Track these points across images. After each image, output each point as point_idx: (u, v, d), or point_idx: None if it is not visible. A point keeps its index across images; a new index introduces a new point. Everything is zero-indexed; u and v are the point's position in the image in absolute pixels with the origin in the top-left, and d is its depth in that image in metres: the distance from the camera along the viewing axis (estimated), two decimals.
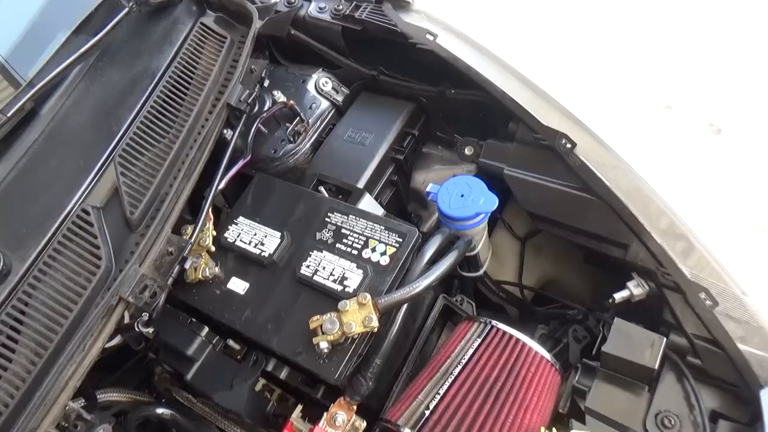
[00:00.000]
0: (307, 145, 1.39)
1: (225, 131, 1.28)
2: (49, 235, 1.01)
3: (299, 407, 1.09)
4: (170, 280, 1.02)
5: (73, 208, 1.04)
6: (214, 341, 1.13)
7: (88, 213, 1.03)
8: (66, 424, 0.93)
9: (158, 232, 1.05)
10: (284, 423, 1.06)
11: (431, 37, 1.26)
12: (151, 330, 1.13)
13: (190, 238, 1.07)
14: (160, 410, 1.10)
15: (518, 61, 1.19)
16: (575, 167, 1.08)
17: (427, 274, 1.02)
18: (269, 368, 1.09)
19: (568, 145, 1.09)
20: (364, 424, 1.03)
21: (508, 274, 1.41)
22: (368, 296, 0.98)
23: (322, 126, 1.42)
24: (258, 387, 1.12)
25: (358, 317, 0.98)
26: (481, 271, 1.29)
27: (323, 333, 0.98)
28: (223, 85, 1.23)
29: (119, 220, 1.05)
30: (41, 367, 0.92)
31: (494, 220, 1.44)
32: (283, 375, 1.10)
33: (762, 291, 0.96)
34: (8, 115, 1.00)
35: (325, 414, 1.03)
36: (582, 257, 1.28)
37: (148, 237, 1.04)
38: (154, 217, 1.06)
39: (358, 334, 0.98)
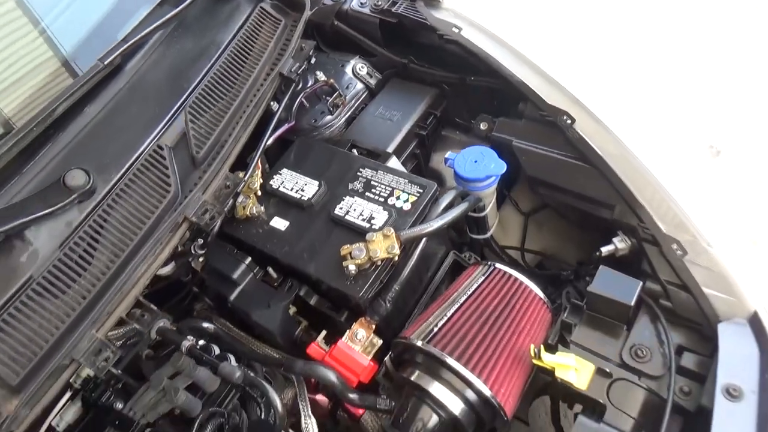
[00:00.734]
0: (342, 120, 1.60)
1: (272, 103, 1.50)
2: (128, 164, 1.21)
3: (323, 333, 1.26)
4: (226, 208, 1.22)
5: (149, 144, 1.24)
6: (255, 270, 1.31)
7: (161, 149, 1.23)
8: (135, 312, 1.11)
9: (218, 170, 1.25)
10: None
11: (456, 30, 1.47)
12: (202, 259, 1.33)
13: (245, 176, 1.26)
14: (206, 324, 1.28)
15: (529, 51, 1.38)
16: (573, 139, 1.27)
17: (442, 217, 1.21)
18: (301, 293, 1.27)
19: (569, 121, 1.28)
20: (381, 342, 1.20)
21: (512, 244, 1.59)
22: (392, 229, 1.17)
23: (355, 105, 1.63)
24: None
25: (382, 246, 1.16)
26: (488, 234, 1.47)
27: (352, 258, 1.17)
28: (277, 59, 1.44)
29: (186, 158, 1.25)
30: (118, 265, 1.12)
31: (502, 197, 1.62)
32: (312, 301, 1.28)
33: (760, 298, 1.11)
34: (105, 62, 1.22)
35: (347, 331, 1.21)
36: (577, 227, 1.45)
37: (210, 172, 1.24)
38: (214, 158, 1.27)
39: (382, 259, 1.16)
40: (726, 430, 0.94)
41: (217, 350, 1.16)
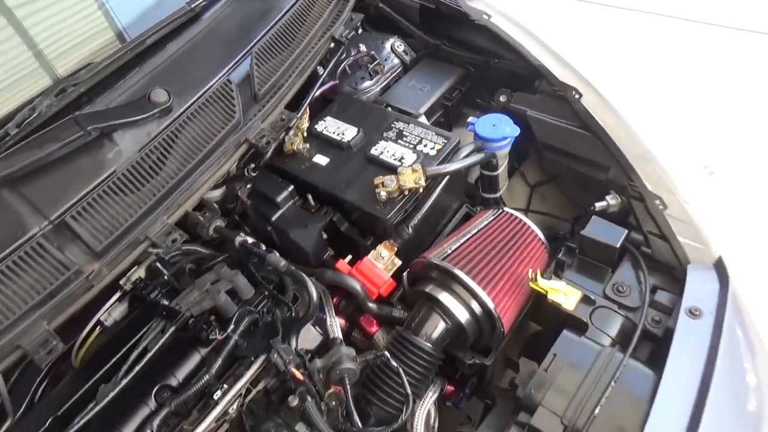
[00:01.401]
0: (378, 88, 1.82)
1: (318, 68, 1.72)
2: (201, 91, 1.42)
3: (349, 257, 1.46)
4: (280, 137, 1.43)
5: (219, 78, 1.45)
6: (295, 198, 1.51)
7: (230, 82, 1.44)
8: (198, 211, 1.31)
9: (275, 106, 1.46)
10: None
11: (486, 17, 1.71)
12: (249, 185, 1.53)
13: (298, 113, 1.48)
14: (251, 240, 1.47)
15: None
16: (579, 111, 1.49)
17: (461, 161, 1.42)
18: (335, 219, 1.47)
19: (577, 96, 1.50)
20: (400, 263, 1.40)
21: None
22: (420, 165, 1.38)
23: (391, 76, 1.85)
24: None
25: (411, 178, 1.37)
26: (498, 194, 1.67)
27: (383, 186, 1.37)
28: (330, 25, 1.67)
29: (249, 94, 1.47)
30: (187, 170, 1.32)
31: (512, 170, 1.83)
32: (343, 228, 1.48)
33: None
34: (192, 6, 1.44)
35: (372, 251, 1.41)
36: (575, 196, 1.66)
37: (268, 107, 1.45)
38: (272, 96, 1.48)
39: (409, 189, 1.36)
40: (686, 339, 1.14)
41: (263, 247, 1.36)
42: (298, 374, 1.20)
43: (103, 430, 1.24)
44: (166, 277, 1.50)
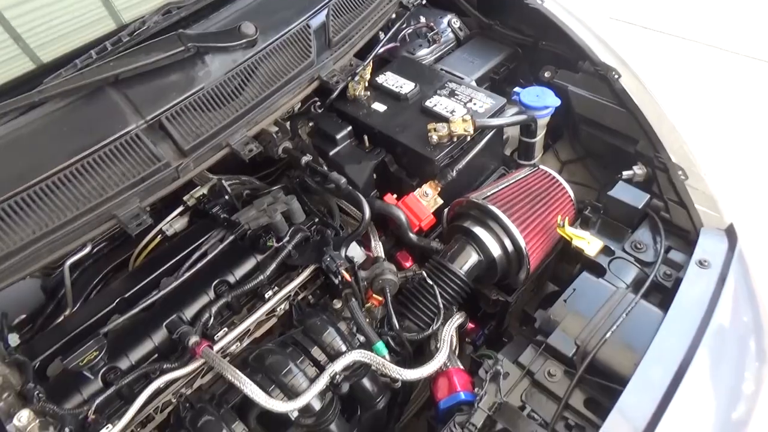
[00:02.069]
0: (432, 57, 1.99)
1: (380, 33, 1.90)
2: (282, 32, 1.59)
3: (394, 195, 1.62)
4: (348, 79, 1.60)
5: (300, 23, 1.62)
6: (352, 138, 1.68)
7: (309, 27, 1.62)
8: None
9: (346, 52, 1.64)
10: None
11: (540, 1, 1.87)
12: (311, 124, 1.70)
13: (364, 61, 1.65)
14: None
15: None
16: (617, 90, 1.64)
17: (506, 119, 1.58)
18: (386, 159, 1.63)
19: (616, 76, 1.66)
20: (441, 202, 1.56)
21: None
22: (469, 115, 1.54)
23: (445, 49, 2.02)
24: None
25: (461, 126, 1.52)
26: (533, 162, 1.82)
27: (435, 131, 1.53)
28: None
29: (324, 39, 1.63)
30: (265, 95, 1.49)
31: (546, 146, 1.99)
32: (392, 168, 1.65)
33: None
34: None
35: (417, 189, 1.57)
36: (602, 168, 1.82)
37: (339, 52, 1.63)
38: (344, 44, 1.65)
39: (458, 136, 1.52)
40: (693, 284, 1.29)
41: (325, 168, 1.53)
42: (347, 275, 1.36)
43: (166, 311, 1.41)
44: (227, 197, 1.68)
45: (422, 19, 2.00)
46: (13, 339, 1.49)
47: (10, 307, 1.66)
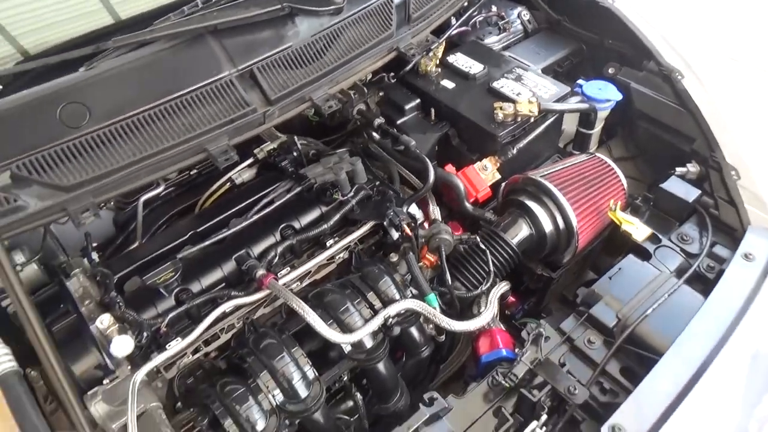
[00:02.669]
0: (499, 46, 2.08)
1: (452, 19, 1.99)
2: (366, 4, 1.70)
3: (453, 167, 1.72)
4: (423, 52, 1.70)
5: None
6: (419, 110, 1.78)
7: (391, 2, 1.72)
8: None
9: (423, 29, 1.74)
10: None
11: (611, 1, 1.94)
12: (381, 93, 1.81)
13: (440, 38, 1.75)
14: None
15: None
16: (679, 90, 1.71)
17: (568, 105, 1.66)
18: (449, 132, 1.73)
19: (679, 77, 1.72)
20: (499, 177, 1.65)
21: None
22: (536, 98, 1.62)
23: (513, 39, 2.11)
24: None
25: (526, 107, 1.61)
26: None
27: (501, 110, 1.62)
28: None
29: (404, 15, 1.73)
30: (347, 59, 1.60)
31: (601, 142, 2.05)
32: (454, 142, 1.74)
33: None
34: None
35: (477, 163, 1.66)
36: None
37: (418, 27, 1.73)
38: (422, 21, 1.75)
39: (522, 116, 1.61)
40: (736, 274, 1.35)
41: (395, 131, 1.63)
42: (408, 230, 1.46)
43: (236, 247, 1.53)
44: (295, 153, 1.80)
45: (494, 8, 2.09)
46: (94, 256, 1.63)
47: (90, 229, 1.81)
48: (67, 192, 1.29)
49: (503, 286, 1.52)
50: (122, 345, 1.30)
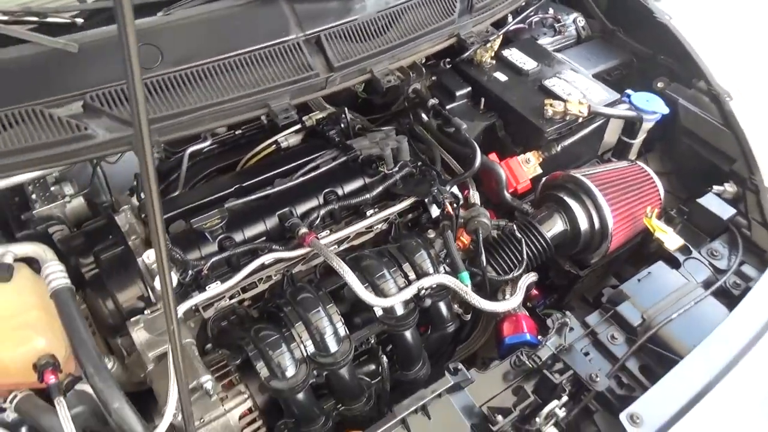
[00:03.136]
0: (551, 48, 2.12)
1: (509, 16, 2.04)
2: None
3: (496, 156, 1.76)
4: (482, 42, 1.74)
5: None
6: (469, 97, 1.83)
7: None
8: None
9: (484, 20, 1.78)
10: None
11: (668, 17, 1.98)
12: (434, 78, 1.86)
13: (500, 31, 1.80)
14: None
15: None
16: (726, 111, 1.74)
17: (617, 110, 1.70)
18: (497, 123, 1.78)
19: (728, 98, 1.75)
20: (541, 171, 1.69)
21: None
22: (586, 100, 1.66)
23: (565, 43, 2.15)
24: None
25: (576, 107, 1.65)
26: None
27: (552, 107, 1.66)
28: None
29: (467, 4, 1.78)
30: (410, 38, 1.64)
31: (639, 154, 2.09)
32: (500, 133, 1.79)
33: None
34: None
35: (521, 155, 1.70)
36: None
37: (479, 18, 1.77)
38: (484, 13, 1.80)
39: (572, 115, 1.65)
40: (764, 290, 1.39)
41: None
42: (450, 209, 1.51)
43: (279, 205, 1.58)
44: (343, 125, 1.85)
45: (551, 11, 2.13)
46: (143, 195, 1.69)
47: (131, 174, 1.88)
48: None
49: (531, 276, 1.57)
50: None
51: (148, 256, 1.40)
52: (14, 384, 1.23)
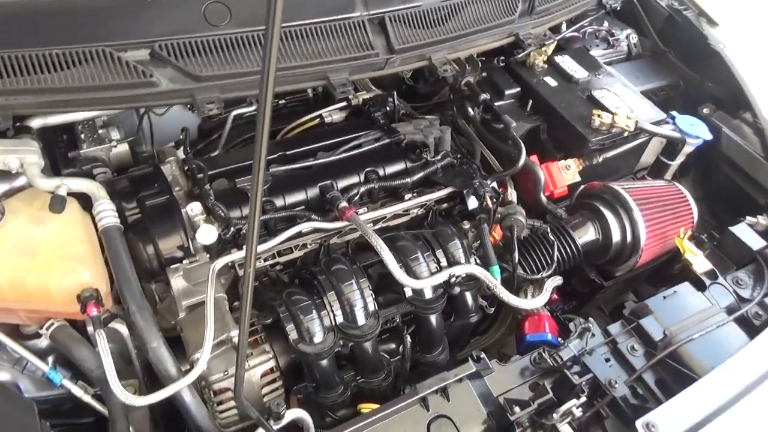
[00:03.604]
0: (602, 60, 2.13)
1: (563, 24, 2.05)
2: None
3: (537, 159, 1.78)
4: (538, 44, 1.76)
5: None
6: (518, 97, 1.85)
7: None
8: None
9: (543, 23, 1.80)
10: None
11: (722, 45, 1.99)
12: (485, 74, 1.88)
13: (555, 35, 1.82)
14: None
15: None
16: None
17: (662, 129, 1.72)
18: (541, 126, 1.80)
19: None
20: (579, 179, 1.72)
21: None
22: (635, 115, 1.68)
23: (615, 58, 2.17)
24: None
25: (624, 121, 1.67)
26: None
27: (600, 117, 1.68)
28: None
29: (529, 5, 1.80)
30: (468, 31, 1.66)
31: (673, 177, 2.11)
32: (543, 137, 1.81)
33: None
34: None
35: (562, 160, 1.73)
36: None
37: (538, 21, 1.79)
38: (544, 16, 1.82)
39: (618, 127, 1.67)
40: None
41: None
42: (489, 202, 1.53)
43: (321, 177, 1.61)
44: (388, 108, 1.87)
45: (605, 24, 2.14)
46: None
47: (174, 130, 1.91)
48: (197, 81, 1.38)
49: (557, 279, 1.59)
50: (208, 233, 1.39)
51: (192, 209, 1.44)
52: (53, 312, 1.28)
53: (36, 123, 1.43)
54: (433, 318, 1.45)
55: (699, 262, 1.56)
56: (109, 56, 1.32)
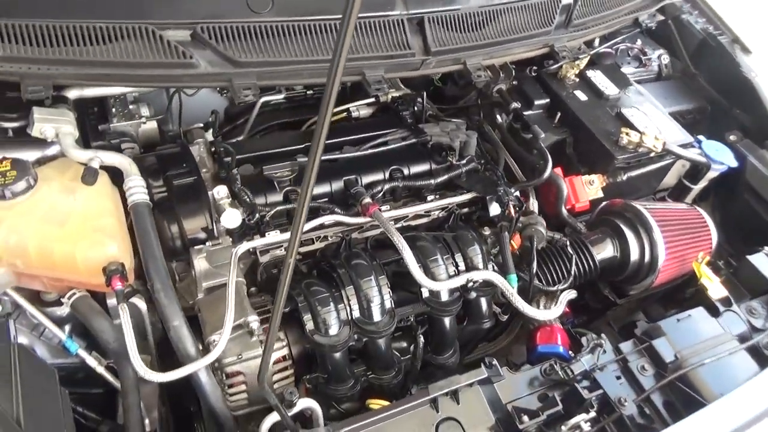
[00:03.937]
0: (632, 78, 2.13)
1: (595, 40, 2.05)
2: None
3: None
4: (572, 57, 1.77)
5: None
6: (546, 109, 1.86)
7: (559, 2, 1.78)
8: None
9: (577, 37, 1.81)
10: None
11: (754, 74, 1.99)
12: (515, 82, 1.88)
13: (589, 49, 1.82)
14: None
15: None
16: None
17: (689, 152, 1.72)
18: (567, 139, 1.80)
19: None
20: (602, 195, 1.72)
21: None
22: (662, 136, 1.69)
23: (645, 76, 2.16)
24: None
25: (651, 141, 1.67)
26: None
27: (628, 135, 1.69)
28: (639, 10, 1.99)
29: (565, 18, 1.80)
30: (503, 39, 1.67)
31: (693, 201, 2.11)
32: (568, 150, 1.81)
33: None
34: None
35: (586, 175, 1.73)
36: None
37: (574, 34, 1.79)
38: (580, 30, 1.82)
39: (646, 147, 1.67)
40: None
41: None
42: (513, 211, 1.54)
43: (347, 170, 1.62)
44: (415, 108, 1.88)
45: (638, 42, 2.14)
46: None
47: (199, 111, 1.92)
48: (235, 66, 1.39)
49: (572, 293, 1.60)
50: (232, 217, 1.40)
51: (218, 192, 1.45)
52: (76, 282, 1.29)
53: (73, 94, 1.44)
54: (447, 320, 1.46)
55: (714, 287, 1.56)
56: (151, 34, 1.34)
